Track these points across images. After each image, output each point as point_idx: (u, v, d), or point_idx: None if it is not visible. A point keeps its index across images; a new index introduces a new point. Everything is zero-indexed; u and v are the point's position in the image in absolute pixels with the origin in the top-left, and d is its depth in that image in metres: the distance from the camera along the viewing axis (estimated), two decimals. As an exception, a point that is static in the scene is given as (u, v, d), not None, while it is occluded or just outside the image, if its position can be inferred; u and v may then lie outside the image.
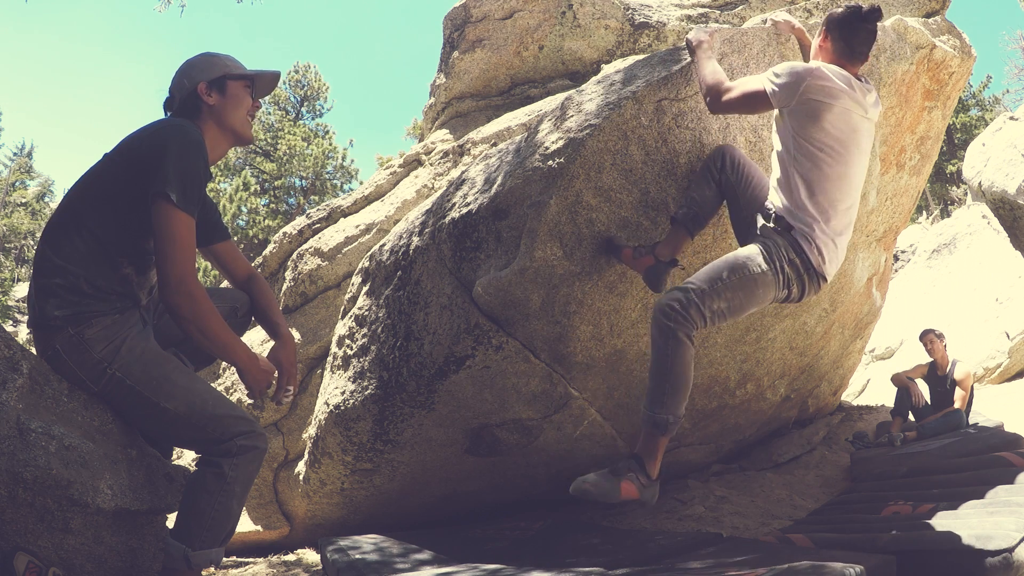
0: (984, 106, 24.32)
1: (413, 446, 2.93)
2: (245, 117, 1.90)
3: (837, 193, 1.91)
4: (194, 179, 1.67)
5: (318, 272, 4.45)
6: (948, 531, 2.10)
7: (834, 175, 1.90)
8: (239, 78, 1.89)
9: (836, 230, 1.94)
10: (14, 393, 1.58)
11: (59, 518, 1.62)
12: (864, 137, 1.95)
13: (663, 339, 1.78)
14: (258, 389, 1.80)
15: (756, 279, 1.86)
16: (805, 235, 1.89)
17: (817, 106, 1.85)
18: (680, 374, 1.77)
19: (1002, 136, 7.79)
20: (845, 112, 1.87)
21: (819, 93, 1.85)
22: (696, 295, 1.79)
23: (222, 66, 1.88)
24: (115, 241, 1.71)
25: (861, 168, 1.98)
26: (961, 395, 4.40)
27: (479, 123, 5.38)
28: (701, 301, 1.79)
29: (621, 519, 3.30)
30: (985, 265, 8.96)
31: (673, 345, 1.76)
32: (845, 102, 1.87)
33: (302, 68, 23.62)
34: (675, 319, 1.77)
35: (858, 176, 1.98)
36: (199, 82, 1.84)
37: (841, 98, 1.86)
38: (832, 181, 1.89)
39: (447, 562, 2.31)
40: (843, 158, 1.90)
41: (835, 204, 1.91)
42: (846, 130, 1.89)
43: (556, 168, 2.25)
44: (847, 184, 1.93)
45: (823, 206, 1.90)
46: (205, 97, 1.84)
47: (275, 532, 4.04)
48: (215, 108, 1.85)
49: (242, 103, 1.89)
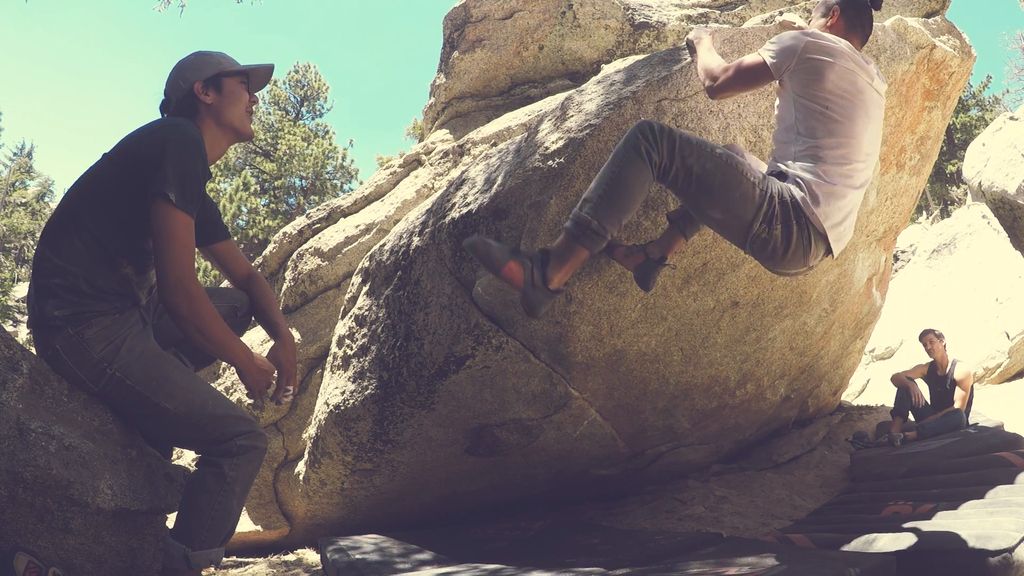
0: (984, 106, 24.32)
1: (413, 446, 2.93)
2: (243, 113, 1.91)
3: (842, 149, 1.79)
4: (193, 178, 1.67)
5: (318, 272, 4.46)
6: (948, 531, 2.10)
7: (839, 130, 1.79)
8: (234, 74, 1.89)
9: (840, 193, 1.79)
10: (14, 393, 1.58)
11: (59, 518, 1.62)
12: (872, 104, 1.86)
13: (624, 148, 1.71)
14: (257, 389, 1.80)
15: (740, 176, 1.71)
16: (801, 182, 1.75)
17: (818, 64, 1.79)
18: (624, 186, 1.68)
19: (1002, 136, 7.79)
20: (848, 72, 1.80)
21: (818, 51, 1.80)
22: (680, 138, 1.70)
23: (216, 64, 1.88)
24: (114, 241, 1.70)
25: (870, 135, 1.86)
26: (961, 395, 4.40)
27: (479, 123, 5.38)
28: (680, 144, 1.69)
29: (621, 519, 3.31)
30: (985, 265, 8.96)
31: (631, 157, 1.69)
32: (846, 62, 1.80)
33: (302, 68, 23.62)
34: (647, 137, 1.68)
35: (866, 140, 1.84)
36: (194, 82, 1.84)
37: (841, 57, 1.80)
38: (836, 136, 1.79)
39: (447, 562, 2.31)
40: (848, 114, 1.80)
41: (839, 160, 1.78)
42: (851, 89, 1.80)
43: (556, 168, 2.26)
44: (854, 142, 1.81)
45: (826, 160, 1.78)
46: (202, 96, 1.84)
47: (275, 532, 4.04)
48: (212, 106, 1.85)
49: (239, 99, 1.89)
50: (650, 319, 2.62)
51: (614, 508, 3.54)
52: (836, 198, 1.79)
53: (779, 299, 3.00)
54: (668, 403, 3.07)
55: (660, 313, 2.63)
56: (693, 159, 1.71)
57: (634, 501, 3.60)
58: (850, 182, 1.82)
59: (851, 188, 1.83)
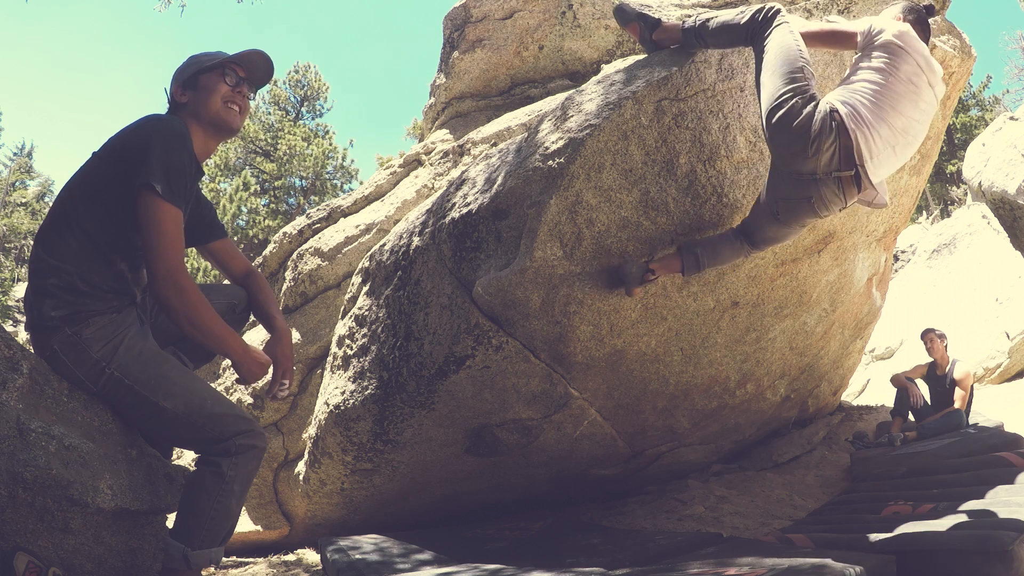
0: (984, 106, 24.31)
1: (413, 446, 2.93)
2: (221, 104, 1.84)
3: (891, 108, 1.94)
4: (179, 170, 1.66)
5: (318, 272, 4.45)
6: (948, 531, 2.10)
7: (889, 94, 1.95)
8: (210, 69, 1.86)
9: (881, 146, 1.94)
10: (14, 393, 1.58)
11: (59, 518, 1.62)
12: (923, 95, 2.00)
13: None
14: (252, 382, 1.80)
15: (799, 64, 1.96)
16: (853, 119, 1.89)
17: (897, 47, 1.98)
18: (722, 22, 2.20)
19: (1002, 136, 7.79)
20: (915, 68, 1.98)
21: (906, 40, 1.99)
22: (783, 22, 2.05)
23: (195, 64, 1.87)
24: (106, 237, 1.70)
25: (916, 115, 2.00)
26: (961, 395, 4.39)
27: (479, 123, 5.38)
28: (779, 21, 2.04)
29: (621, 519, 3.31)
30: (985, 265, 8.96)
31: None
32: (919, 59, 1.99)
33: (302, 68, 23.61)
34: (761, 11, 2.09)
35: (910, 118, 1.99)
36: (174, 85, 1.86)
37: (915, 56, 1.99)
38: (886, 98, 1.94)
39: (447, 562, 2.31)
40: (902, 83, 1.96)
41: (887, 117, 1.94)
42: (911, 73, 1.98)
43: (556, 168, 2.25)
44: (898, 110, 1.96)
45: (875, 111, 1.93)
46: (178, 98, 1.84)
47: (275, 532, 4.04)
48: (189, 105, 1.84)
49: (214, 91, 1.84)
50: (650, 319, 2.62)
51: (614, 508, 3.54)
52: (882, 159, 1.96)
53: (779, 299, 3.00)
54: (668, 403, 3.07)
55: (660, 313, 2.63)
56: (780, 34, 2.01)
57: (634, 501, 3.60)
58: (896, 144, 1.98)
59: (892, 158, 2.00)
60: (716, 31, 2.20)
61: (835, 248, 3.11)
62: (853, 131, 1.87)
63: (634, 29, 2.48)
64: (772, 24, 2.06)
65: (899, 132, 1.96)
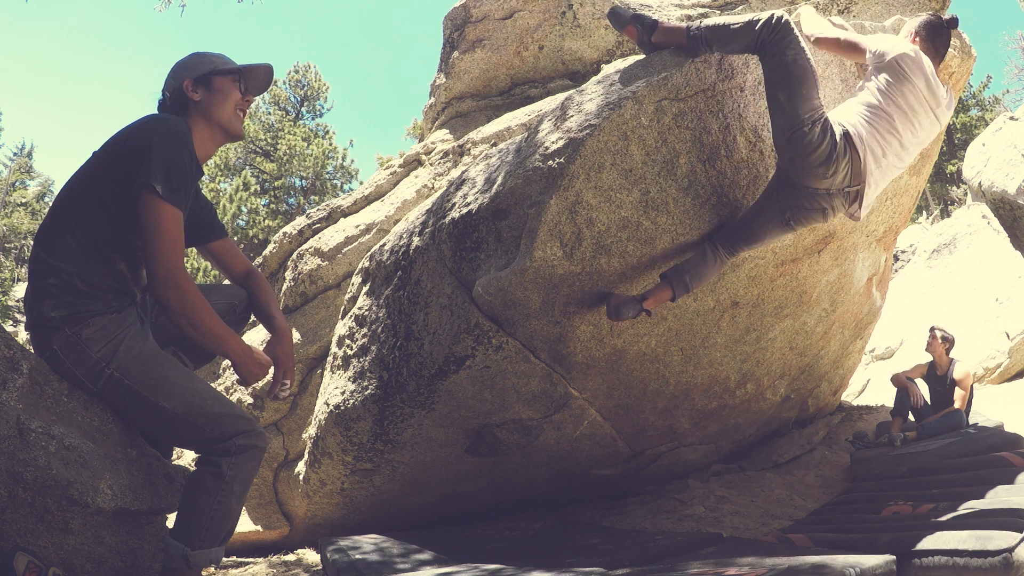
0: (984, 106, 24.30)
1: (413, 446, 2.93)
2: (233, 111, 1.87)
3: (888, 132, 2.10)
4: (179, 170, 1.66)
5: (318, 272, 4.46)
6: (948, 531, 2.10)
7: (887, 117, 2.10)
8: (227, 73, 1.87)
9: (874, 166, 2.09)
10: (14, 393, 1.58)
11: (59, 518, 1.62)
12: (923, 122, 2.17)
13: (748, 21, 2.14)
14: (253, 382, 1.79)
15: (814, 87, 2.03)
16: (860, 137, 2.05)
17: (900, 72, 2.13)
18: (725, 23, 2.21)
19: (1002, 136, 7.78)
20: (917, 96, 2.14)
21: (908, 64, 2.13)
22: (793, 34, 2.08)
23: (209, 63, 1.87)
24: (106, 237, 1.70)
25: (910, 139, 2.16)
26: (961, 395, 4.39)
27: (479, 123, 5.38)
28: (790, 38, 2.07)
29: (621, 519, 3.31)
30: (985, 265, 8.97)
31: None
32: (921, 86, 2.15)
33: (302, 68, 23.60)
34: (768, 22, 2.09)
35: (904, 142, 2.15)
36: (185, 80, 1.84)
37: (918, 82, 2.14)
38: (884, 121, 2.10)
39: (447, 562, 2.31)
40: (899, 109, 2.12)
41: (884, 139, 2.10)
42: (912, 101, 2.14)
43: (556, 168, 2.25)
44: (895, 133, 2.12)
45: (872, 132, 2.09)
46: (190, 94, 1.83)
47: (275, 532, 4.05)
48: (200, 104, 1.83)
49: (229, 97, 1.86)
50: (650, 319, 2.62)
51: (614, 508, 3.54)
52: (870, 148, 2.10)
53: (779, 299, 3.00)
54: (668, 403, 3.07)
55: (660, 313, 2.63)
56: (792, 51, 2.06)
57: (634, 501, 3.60)
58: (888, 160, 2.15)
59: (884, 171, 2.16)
60: (723, 37, 2.20)
61: (835, 248, 3.11)
62: (862, 150, 2.05)
63: (631, 32, 2.43)
64: (785, 37, 2.07)
65: (893, 154, 2.13)
